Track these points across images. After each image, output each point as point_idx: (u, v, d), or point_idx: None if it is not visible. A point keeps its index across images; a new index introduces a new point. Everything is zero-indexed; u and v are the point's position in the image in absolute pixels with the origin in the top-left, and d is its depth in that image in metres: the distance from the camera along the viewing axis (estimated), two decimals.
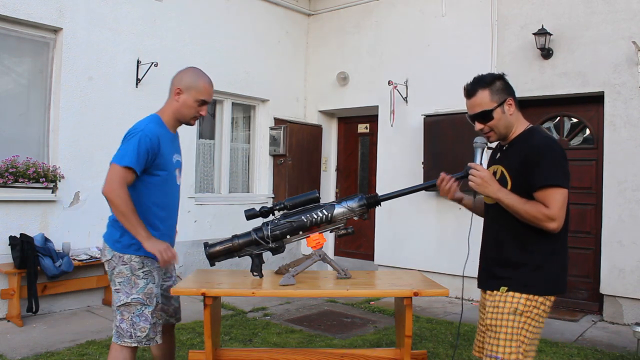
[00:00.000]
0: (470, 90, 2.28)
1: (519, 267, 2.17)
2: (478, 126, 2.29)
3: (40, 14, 5.23)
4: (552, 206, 2.08)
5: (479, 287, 2.35)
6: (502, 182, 2.20)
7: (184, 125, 2.82)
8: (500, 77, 2.28)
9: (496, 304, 2.18)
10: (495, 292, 2.20)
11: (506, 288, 2.16)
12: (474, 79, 2.30)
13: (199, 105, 2.68)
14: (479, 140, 2.33)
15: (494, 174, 2.26)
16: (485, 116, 2.25)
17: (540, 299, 2.14)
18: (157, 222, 2.63)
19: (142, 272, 2.59)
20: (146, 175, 2.57)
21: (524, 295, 2.13)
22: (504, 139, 2.31)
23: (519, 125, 2.27)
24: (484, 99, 2.24)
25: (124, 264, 2.58)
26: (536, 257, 2.16)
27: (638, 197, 5.28)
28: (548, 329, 5.05)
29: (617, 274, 5.35)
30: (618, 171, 5.40)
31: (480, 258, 2.37)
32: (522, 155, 2.16)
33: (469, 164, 2.26)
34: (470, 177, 2.22)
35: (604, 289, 5.44)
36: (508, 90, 2.26)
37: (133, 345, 2.57)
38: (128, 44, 5.93)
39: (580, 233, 5.81)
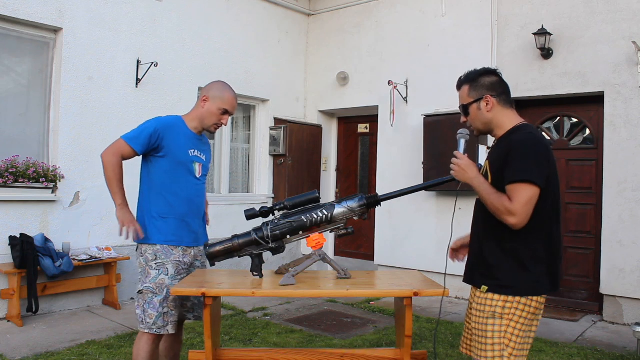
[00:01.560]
0: (458, 84, 2.34)
1: (497, 266, 2.13)
2: (462, 119, 2.34)
3: (40, 14, 5.23)
4: (515, 200, 2.03)
5: (464, 281, 2.34)
6: (485, 177, 2.19)
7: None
8: (489, 73, 2.26)
9: (479, 307, 2.17)
10: (477, 290, 2.20)
11: (486, 288, 2.14)
12: (467, 72, 2.33)
13: (221, 114, 2.92)
14: (462, 131, 2.32)
15: (483, 169, 2.25)
16: (463, 110, 2.30)
17: (523, 299, 2.09)
18: (165, 207, 2.84)
19: (155, 263, 2.82)
20: (156, 157, 2.84)
21: (502, 298, 2.10)
22: (492, 135, 2.30)
23: (506, 122, 2.23)
24: (464, 93, 2.29)
25: (141, 256, 2.85)
26: (513, 256, 2.11)
27: (638, 197, 5.28)
28: (548, 329, 5.05)
29: (617, 274, 5.35)
30: (618, 171, 5.40)
31: (468, 252, 2.37)
32: (504, 152, 2.13)
33: (454, 152, 2.26)
34: (451, 165, 2.23)
35: (604, 289, 5.44)
36: (492, 87, 2.23)
37: (146, 331, 2.78)
38: (128, 44, 5.93)
39: (580, 233, 5.81)
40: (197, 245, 2.99)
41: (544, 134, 6.22)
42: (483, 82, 2.24)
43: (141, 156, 2.88)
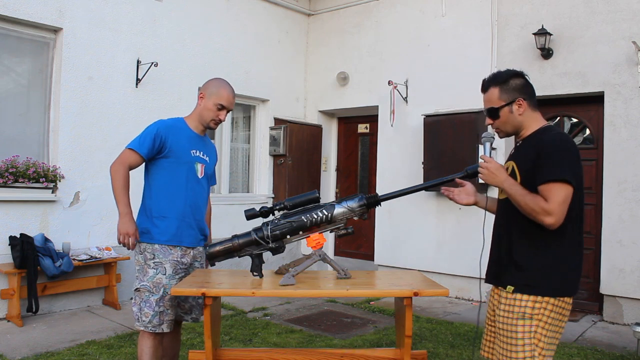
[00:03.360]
0: (484, 86, 2.31)
1: (526, 266, 2.13)
2: (487, 121, 2.32)
3: (40, 14, 5.23)
4: (551, 200, 2.03)
5: (486, 281, 2.34)
6: (512, 177, 2.18)
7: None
8: (518, 75, 2.25)
9: (506, 307, 2.15)
10: (503, 291, 2.18)
11: (512, 288, 2.14)
12: (493, 74, 2.31)
13: (218, 110, 2.93)
14: (487, 134, 2.31)
15: (507, 169, 2.24)
16: (492, 113, 2.27)
17: (552, 300, 2.09)
18: (166, 207, 2.85)
19: (153, 262, 2.83)
20: (160, 160, 2.87)
21: (532, 298, 2.09)
22: (518, 136, 2.30)
23: (533, 124, 2.24)
24: (493, 96, 2.25)
25: (140, 254, 2.87)
26: (543, 256, 2.12)
27: (638, 197, 5.28)
28: None
29: (617, 274, 5.35)
30: (618, 171, 5.40)
31: (490, 252, 2.35)
32: (534, 152, 2.13)
33: (480, 155, 2.26)
34: (479, 168, 2.23)
35: (604, 289, 5.44)
36: (523, 89, 2.23)
37: (141, 328, 2.81)
38: (128, 43, 5.93)
39: None
40: (198, 246, 2.98)
41: None
42: (514, 85, 2.23)
43: None
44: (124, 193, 2.77)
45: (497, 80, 2.25)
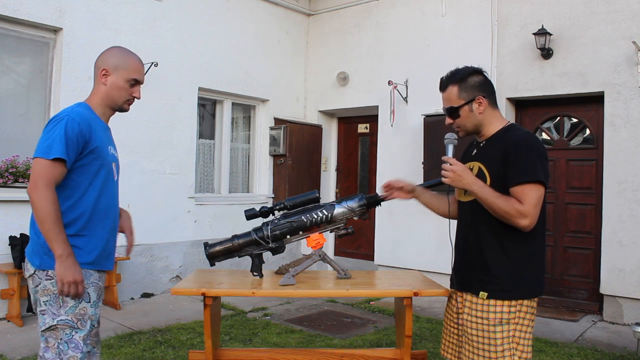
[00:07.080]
0: (442, 84, 2.26)
1: (499, 271, 2.08)
2: (447, 120, 2.27)
3: (40, 14, 5.23)
4: (525, 202, 1.98)
5: (453, 287, 2.28)
6: (480, 178, 2.12)
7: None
8: (476, 73, 2.19)
9: (479, 314, 2.09)
10: (474, 297, 2.12)
11: (486, 294, 2.08)
12: (450, 72, 2.25)
13: (131, 86, 2.33)
14: (449, 136, 2.25)
15: (470, 170, 2.18)
16: (452, 112, 2.22)
17: (525, 302, 2.08)
18: (88, 223, 2.18)
19: None
20: (80, 165, 2.17)
21: (506, 302, 2.06)
22: (478, 135, 2.25)
23: (495, 123, 2.19)
24: (452, 95, 2.20)
25: (49, 279, 2.10)
26: (515, 259, 2.08)
27: (638, 197, 5.28)
28: (548, 329, 5.05)
29: (617, 274, 5.35)
30: (618, 171, 5.40)
31: (455, 258, 2.29)
32: (502, 151, 2.08)
33: (443, 158, 2.19)
34: (442, 171, 2.15)
35: (604, 289, 5.44)
36: (483, 87, 2.17)
37: None
38: (128, 44, 5.91)
39: (580, 233, 5.81)
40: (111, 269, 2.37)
41: (543, 133, 6.23)
42: (473, 83, 2.17)
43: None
44: (59, 226, 2.04)
45: (455, 78, 2.20)
